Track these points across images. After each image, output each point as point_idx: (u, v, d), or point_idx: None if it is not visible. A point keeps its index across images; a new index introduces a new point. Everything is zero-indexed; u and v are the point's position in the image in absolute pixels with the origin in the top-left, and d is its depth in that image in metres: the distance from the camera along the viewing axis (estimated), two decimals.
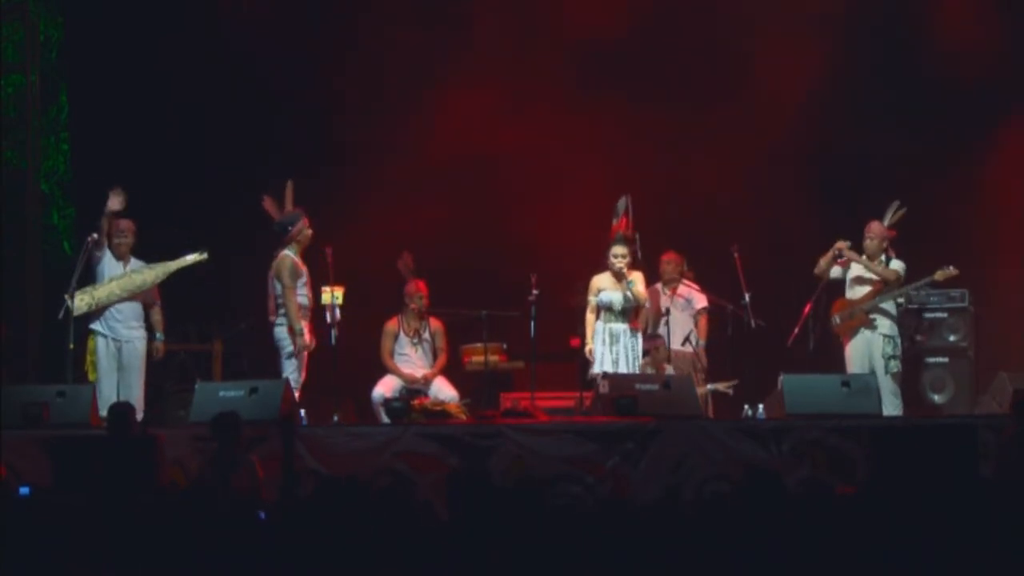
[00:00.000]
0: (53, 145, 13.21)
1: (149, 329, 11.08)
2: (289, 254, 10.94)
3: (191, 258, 11.08)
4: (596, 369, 10.98)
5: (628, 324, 11.02)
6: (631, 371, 10.84)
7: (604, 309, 11.01)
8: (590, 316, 11.07)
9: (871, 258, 11.17)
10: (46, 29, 13.22)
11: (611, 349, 10.96)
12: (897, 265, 11.20)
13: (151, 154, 13.04)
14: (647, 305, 11.31)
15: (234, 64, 13.20)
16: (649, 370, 11.20)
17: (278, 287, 10.88)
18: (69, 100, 13.29)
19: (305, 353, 10.88)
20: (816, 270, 11.29)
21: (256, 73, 13.25)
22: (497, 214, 13.14)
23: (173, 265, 11.07)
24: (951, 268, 11.09)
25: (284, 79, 13.35)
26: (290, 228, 10.95)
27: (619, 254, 11.00)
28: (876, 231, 11.17)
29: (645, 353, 11.23)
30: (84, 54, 13.30)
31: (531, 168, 13.24)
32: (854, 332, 11.16)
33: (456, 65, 13.29)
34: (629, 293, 10.95)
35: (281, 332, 10.88)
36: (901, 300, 11.39)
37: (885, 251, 11.19)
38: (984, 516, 5.83)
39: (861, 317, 11.12)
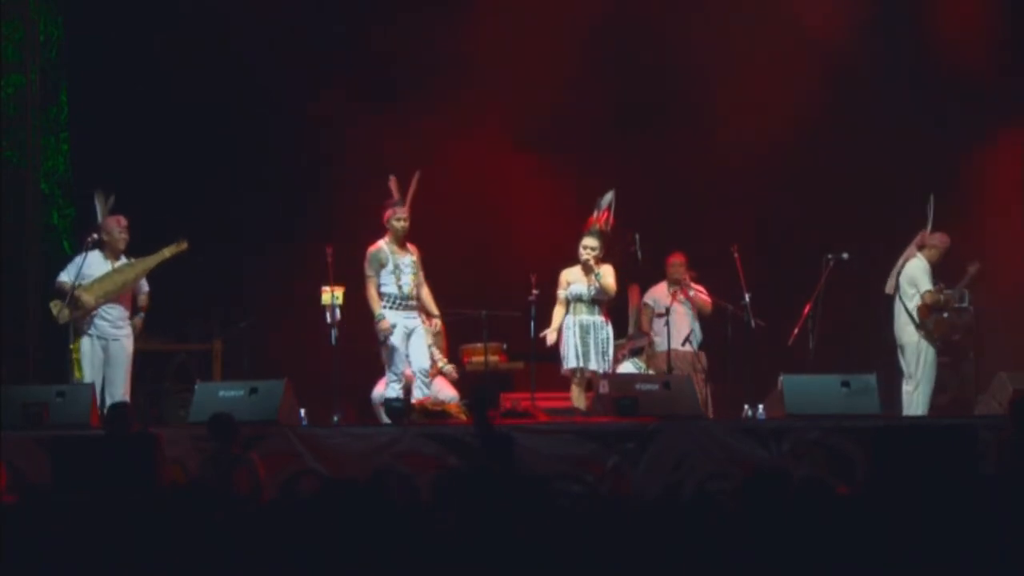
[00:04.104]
0: (53, 145, 13.18)
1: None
2: (381, 243, 10.96)
3: (170, 250, 10.95)
4: (569, 365, 11.01)
5: (599, 315, 11.04)
6: (603, 364, 10.89)
7: (574, 301, 11.04)
8: (559, 309, 11.11)
9: (934, 266, 11.32)
10: (46, 28, 13.19)
11: (582, 342, 10.98)
12: None
13: (151, 154, 13.02)
14: (620, 297, 11.35)
15: (234, 63, 13.19)
16: (632, 364, 11.21)
17: None
18: (69, 100, 13.27)
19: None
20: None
21: (256, 72, 13.23)
22: (497, 214, 13.13)
23: (152, 260, 10.95)
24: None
25: (284, 79, 13.34)
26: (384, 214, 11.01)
27: (588, 246, 11.04)
28: (945, 242, 11.34)
29: (639, 351, 11.22)
30: (84, 53, 13.29)
31: (532, 167, 13.23)
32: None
33: (456, 64, 13.28)
34: (596, 285, 10.96)
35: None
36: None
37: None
38: (984, 516, 5.83)
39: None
